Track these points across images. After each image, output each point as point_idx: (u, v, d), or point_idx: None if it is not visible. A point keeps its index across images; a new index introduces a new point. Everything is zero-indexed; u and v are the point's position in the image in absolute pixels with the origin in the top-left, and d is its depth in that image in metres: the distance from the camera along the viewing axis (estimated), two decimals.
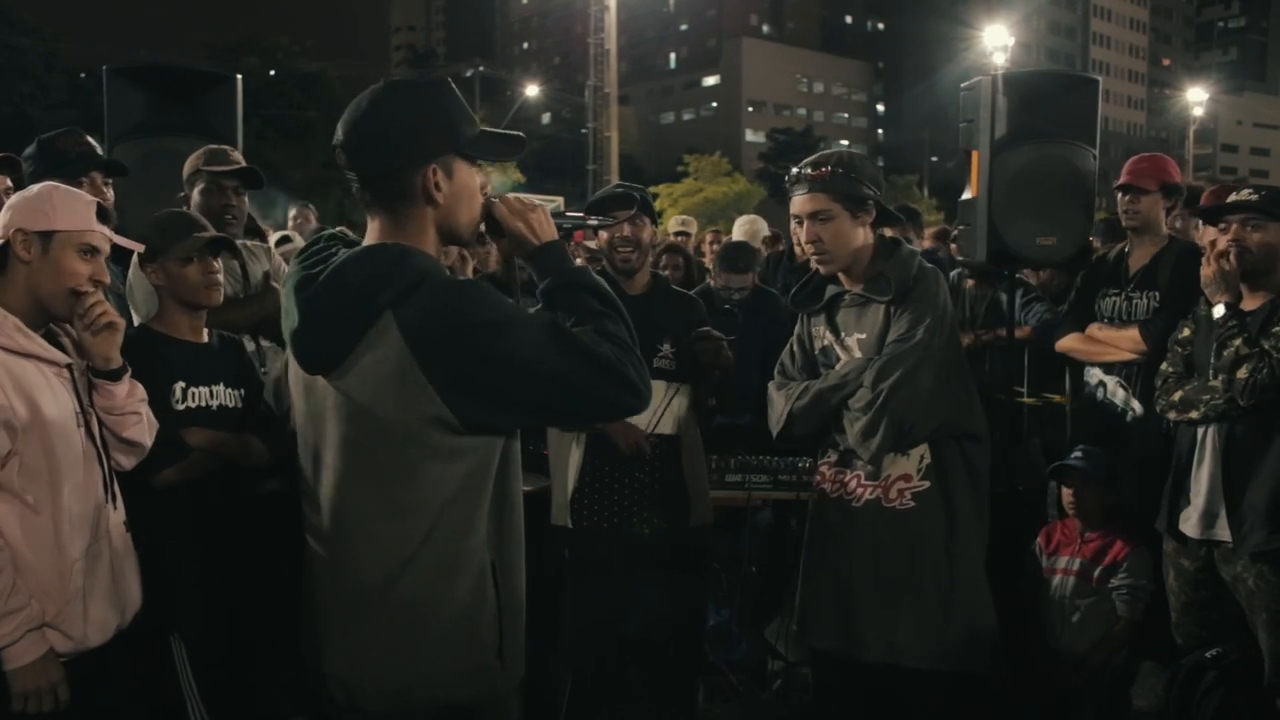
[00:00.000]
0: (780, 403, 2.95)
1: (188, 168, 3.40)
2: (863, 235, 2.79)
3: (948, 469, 2.74)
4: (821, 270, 2.85)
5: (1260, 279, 3.07)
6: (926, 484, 2.74)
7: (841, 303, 2.88)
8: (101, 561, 2.18)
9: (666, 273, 5.27)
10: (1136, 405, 3.73)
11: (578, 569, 3.21)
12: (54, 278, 2.14)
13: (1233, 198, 3.18)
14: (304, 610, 1.90)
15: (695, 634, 3.36)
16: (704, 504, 3.27)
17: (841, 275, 2.87)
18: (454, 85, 1.88)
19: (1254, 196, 3.08)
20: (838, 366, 2.86)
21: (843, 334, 2.87)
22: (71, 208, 2.18)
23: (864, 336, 2.81)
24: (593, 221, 2.53)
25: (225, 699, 2.56)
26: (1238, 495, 3.01)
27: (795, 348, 3.06)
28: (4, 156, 3.19)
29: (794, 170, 2.83)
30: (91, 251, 2.19)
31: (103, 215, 2.24)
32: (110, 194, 3.13)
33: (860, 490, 2.79)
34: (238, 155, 3.47)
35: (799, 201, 2.78)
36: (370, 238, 1.81)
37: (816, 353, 2.96)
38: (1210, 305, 3.08)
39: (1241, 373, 2.90)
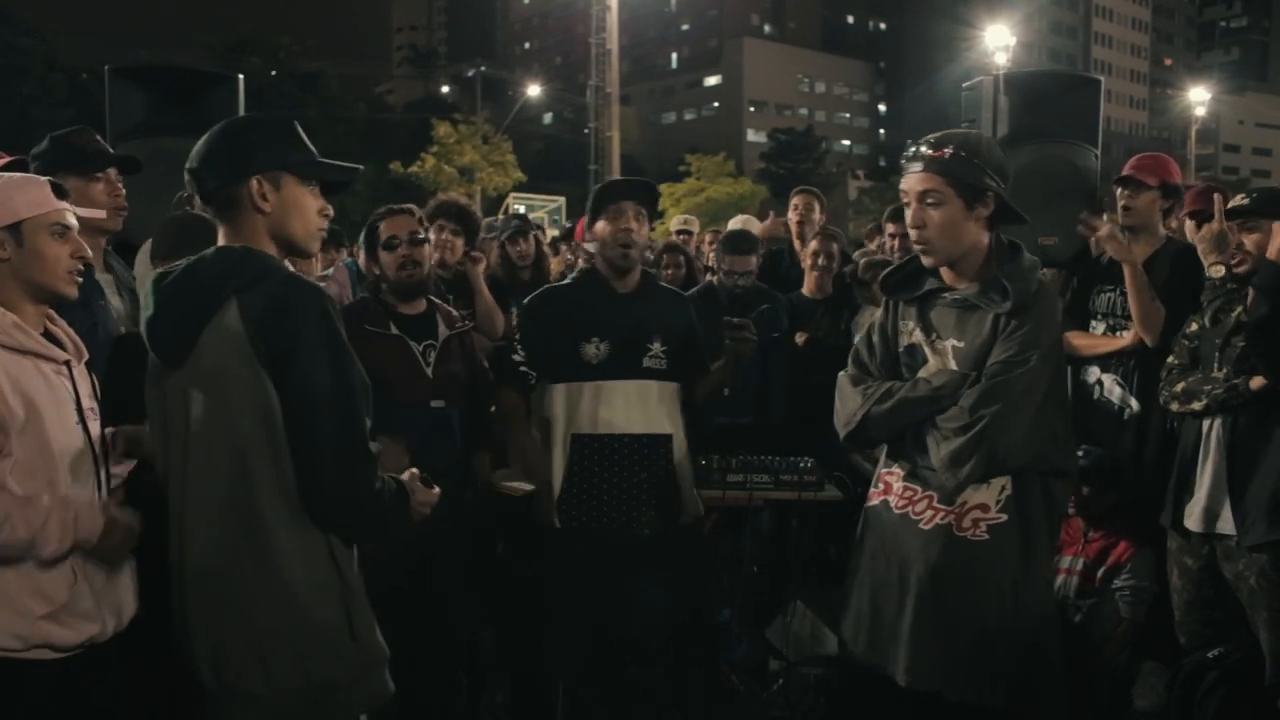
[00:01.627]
0: (855, 401, 2.66)
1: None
2: (975, 230, 2.48)
3: (1029, 505, 2.48)
4: (923, 261, 2.55)
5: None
6: (1004, 517, 2.47)
7: (939, 300, 2.57)
8: (101, 562, 2.18)
9: (669, 272, 5.27)
10: (1134, 403, 3.73)
11: (564, 569, 3.21)
12: (38, 266, 2.13)
13: (1231, 203, 3.22)
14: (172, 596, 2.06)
15: (696, 632, 3.35)
16: (694, 502, 3.27)
17: (944, 270, 2.56)
18: (295, 125, 2.13)
19: (1245, 201, 3.15)
20: (926, 374, 2.57)
21: (935, 336, 2.57)
22: (29, 193, 2.16)
23: (962, 345, 2.51)
24: None
25: None
26: (1241, 487, 3.01)
27: (875, 339, 2.74)
28: (14, 159, 3.20)
29: (911, 147, 2.56)
30: (64, 230, 2.18)
31: (58, 191, 2.22)
32: (124, 191, 3.14)
33: (931, 513, 2.52)
34: None
35: (910, 180, 2.49)
36: (219, 243, 2.06)
37: (900, 349, 2.66)
38: (1210, 278, 3.15)
39: (1241, 339, 2.92)
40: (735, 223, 6.42)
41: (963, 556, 2.47)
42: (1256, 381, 2.96)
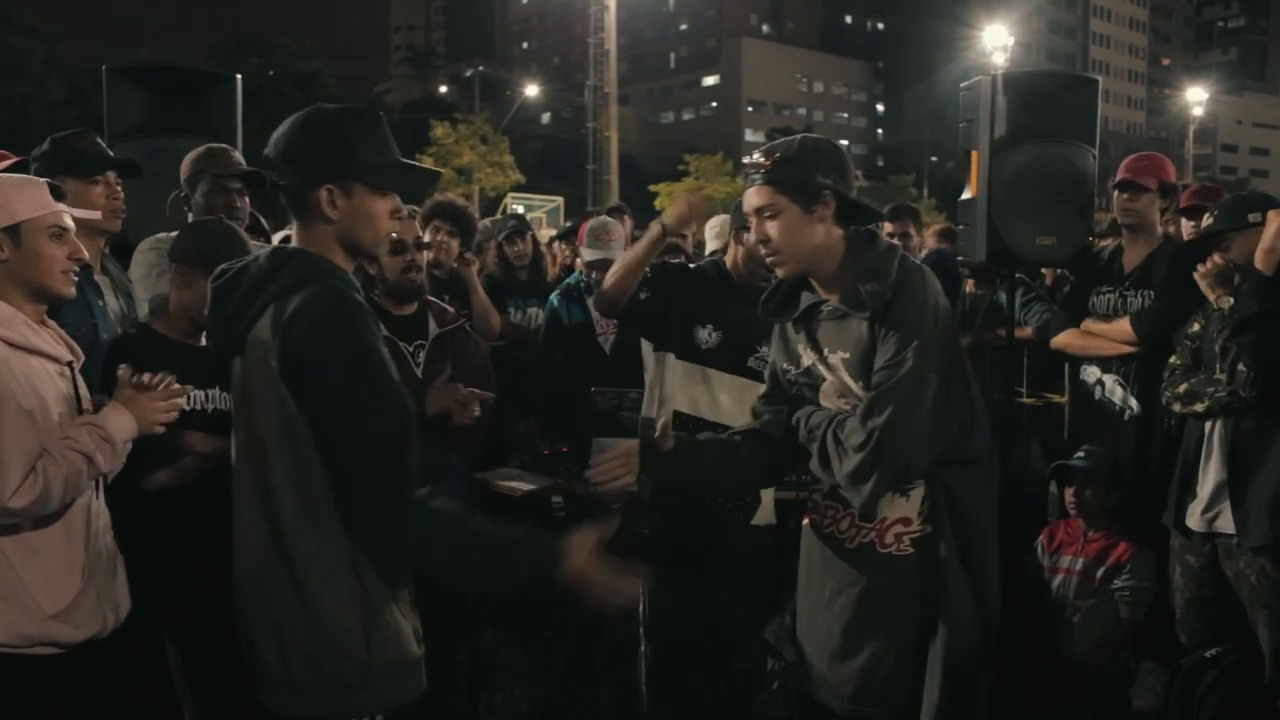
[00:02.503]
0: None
1: (188, 167, 3.39)
2: (822, 232, 2.36)
3: (950, 508, 2.35)
4: (779, 273, 2.46)
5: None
6: (928, 529, 2.35)
7: (820, 313, 2.46)
8: (100, 559, 2.22)
9: None
10: (1134, 403, 3.73)
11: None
12: (36, 266, 2.16)
13: (1202, 224, 3.29)
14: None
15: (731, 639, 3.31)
16: (769, 508, 3.22)
17: (814, 281, 2.46)
18: (379, 116, 2.07)
19: (1211, 220, 3.21)
20: (824, 392, 2.46)
21: (825, 351, 2.44)
22: (28, 194, 2.18)
23: (848, 355, 2.39)
24: None
25: (220, 703, 2.55)
26: (1242, 489, 3.02)
27: (773, 364, 2.63)
28: (16, 160, 3.19)
29: (744, 161, 2.56)
30: (61, 232, 2.19)
31: (56, 193, 2.23)
32: (122, 194, 3.14)
33: (854, 530, 2.42)
34: (239, 156, 3.46)
35: (747, 197, 2.43)
36: (292, 241, 2.05)
37: (797, 373, 2.53)
38: (1215, 298, 3.14)
39: (1243, 366, 2.93)
40: (711, 228, 6.37)
41: (886, 574, 2.37)
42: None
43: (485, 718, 3.78)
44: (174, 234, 2.92)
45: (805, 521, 2.59)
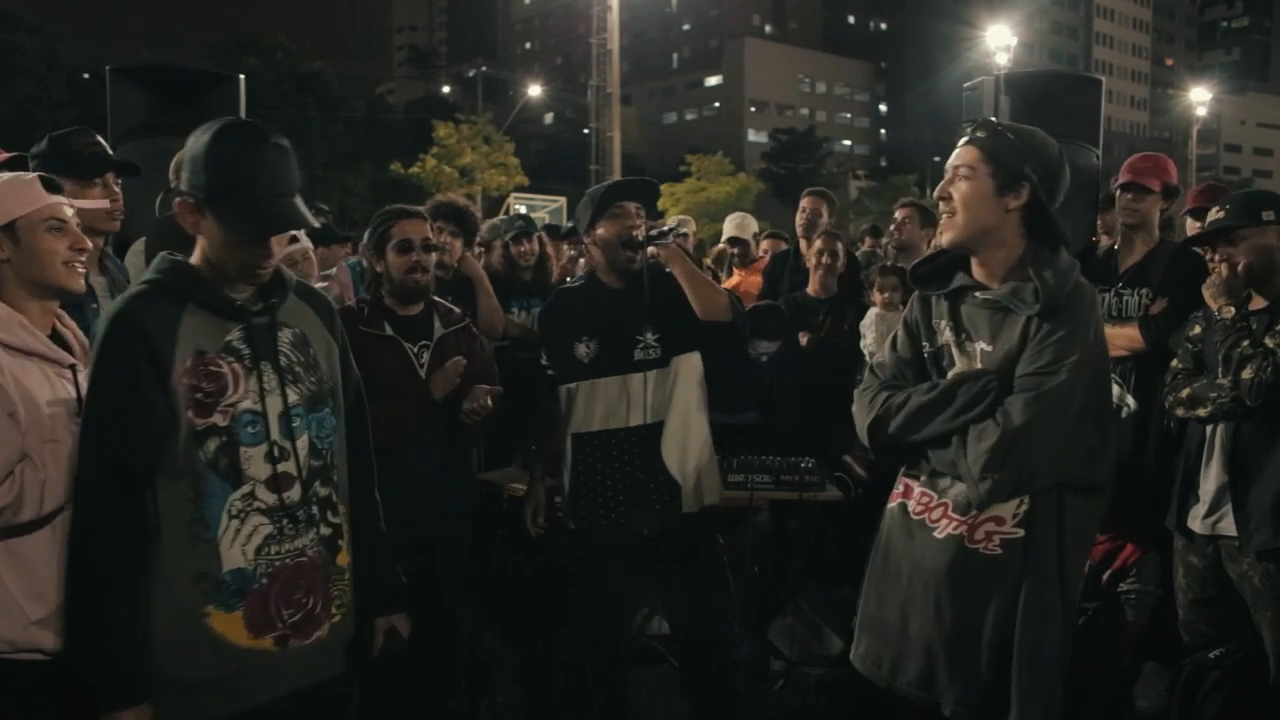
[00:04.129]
0: (861, 414, 2.53)
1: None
2: (1002, 217, 2.32)
3: (1050, 522, 2.29)
4: (942, 238, 2.41)
5: (1262, 281, 3.08)
6: (1020, 533, 2.29)
7: (969, 298, 2.40)
8: None
9: None
10: (1131, 401, 3.73)
11: (580, 570, 3.21)
12: (37, 262, 2.12)
13: (1209, 218, 3.23)
14: None
15: (700, 635, 3.25)
16: (699, 492, 3.17)
17: (975, 265, 2.40)
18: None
19: (1221, 214, 3.14)
20: (950, 375, 2.41)
21: (965, 336, 2.40)
22: (19, 190, 2.14)
23: (990, 349, 2.34)
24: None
25: None
26: (1244, 493, 3.02)
27: (901, 337, 2.56)
28: (14, 156, 3.17)
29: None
30: (60, 224, 2.16)
31: (49, 185, 2.20)
32: (121, 195, 3.13)
33: (945, 521, 2.38)
34: None
35: (952, 156, 2.40)
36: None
37: (930, 350, 2.48)
38: (1218, 308, 3.11)
39: (1247, 373, 2.92)
40: (731, 223, 6.37)
41: (972, 569, 2.34)
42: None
43: (485, 718, 3.78)
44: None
45: (892, 503, 2.55)
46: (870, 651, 2.53)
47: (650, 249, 3.07)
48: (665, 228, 3.06)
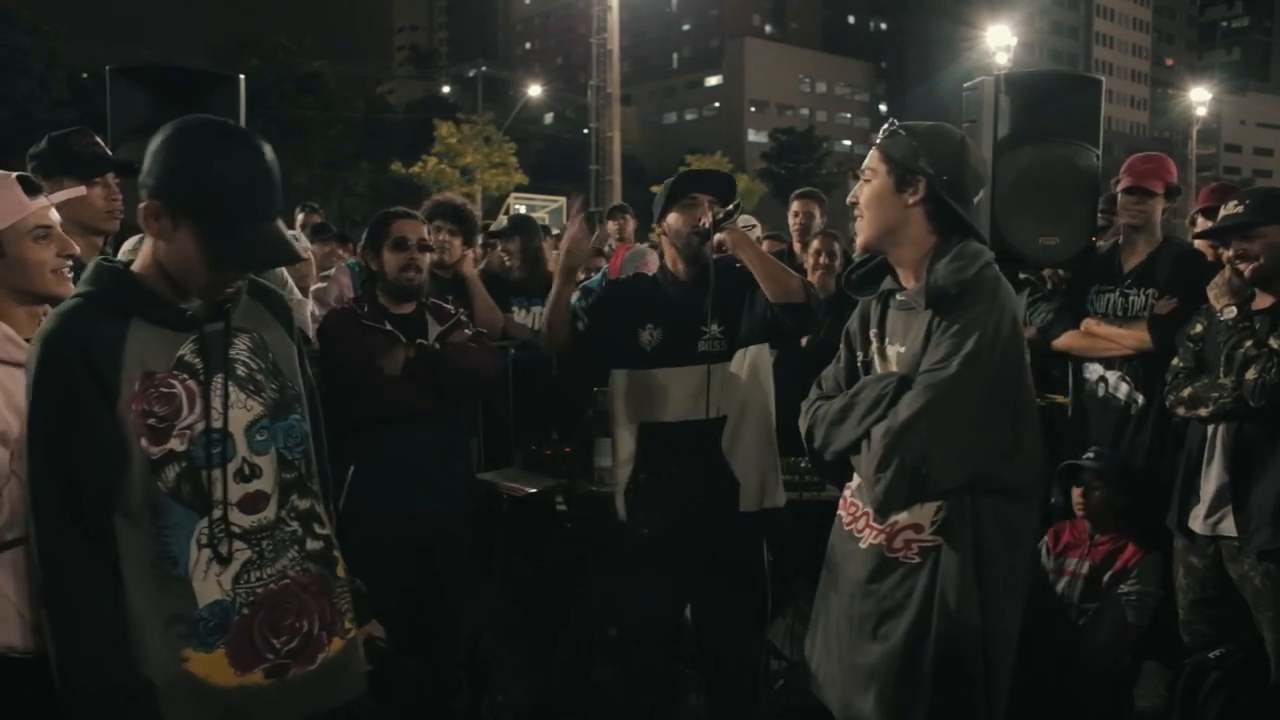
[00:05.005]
0: (802, 425, 2.50)
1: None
2: (906, 213, 2.28)
3: (969, 528, 2.21)
4: (856, 243, 2.40)
5: (1270, 279, 3.07)
6: (937, 540, 2.23)
7: (893, 301, 2.38)
8: None
9: None
10: (1139, 397, 3.74)
11: (627, 563, 3.17)
12: (24, 273, 2.06)
13: (1223, 211, 3.20)
14: None
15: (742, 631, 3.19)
16: (758, 491, 3.09)
17: (896, 267, 2.38)
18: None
19: (1240, 209, 3.10)
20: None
21: (886, 341, 2.38)
22: (1, 201, 2.06)
23: (903, 350, 2.31)
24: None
25: None
26: (1244, 494, 3.01)
27: (841, 347, 2.56)
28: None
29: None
30: (46, 231, 2.08)
31: (28, 185, 2.10)
32: (120, 196, 3.12)
33: (869, 531, 2.34)
34: None
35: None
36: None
37: (863, 359, 2.47)
38: (1221, 308, 3.10)
39: (1250, 373, 2.91)
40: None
41: (889, 578, 2.28)
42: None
43: (485, 718, 3.78)
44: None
45: (838, 513, 2.54)
46: (814, 669, 2.49)
47: (717, 236, 3.02)
48: (729, 209, 3.01)
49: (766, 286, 2.99)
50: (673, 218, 3.13)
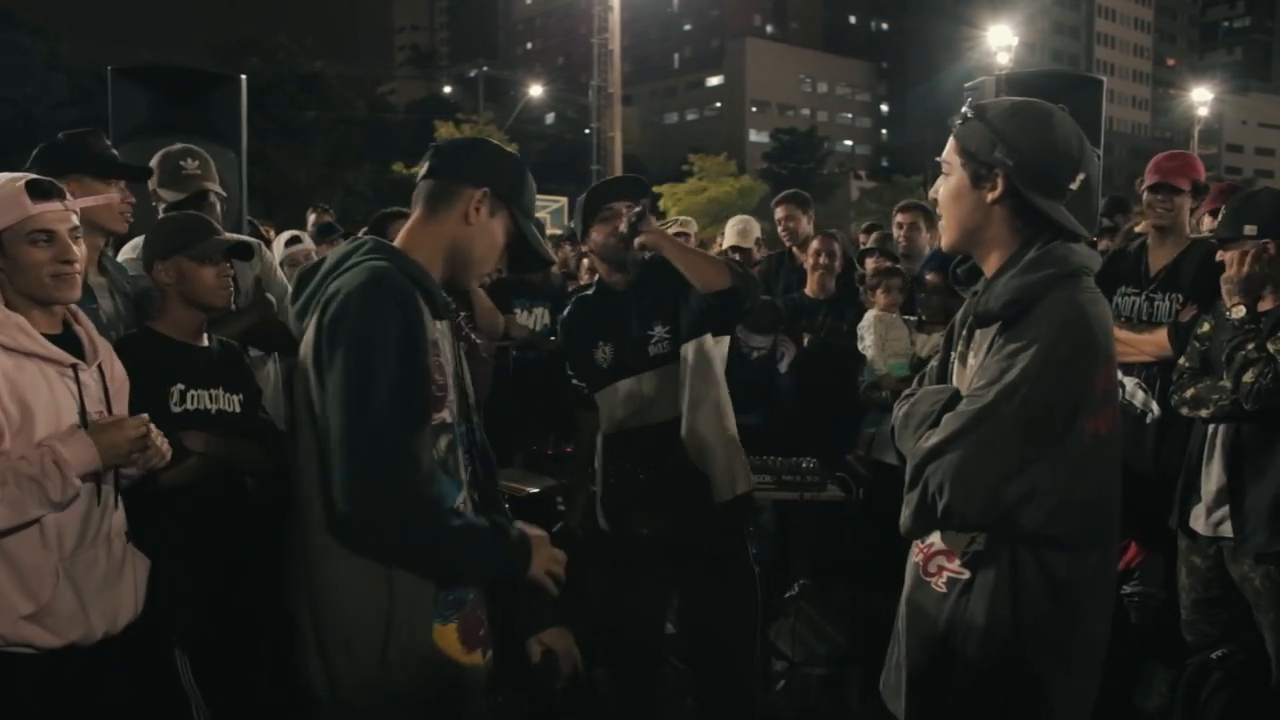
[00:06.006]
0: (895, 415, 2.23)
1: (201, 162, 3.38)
2: (989, 213, 1.97)
3: (1000, 573, 1.93)
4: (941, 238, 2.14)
5: (1250, 289, 3.05)
6: (964, 574, 1.97)
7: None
8: (95, 567, 2.15)
9: None
10: (1155, 407, 3.66)
11: (611, 570, 3.19)
12: (21, 275, 2.09)
13: (1216, 229, 3.22)
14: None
15: (737, 630, 3.18)
16: (729, 480, 3.09)
17: (987, 273, 2.05)
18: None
19: (1220, 223, 3.13)
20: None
21: (964, 350, 2.11)
22: (2, 201, 2.07)
23: (974, 362, 2.03)
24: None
25: (229, 708, 2.54)
26: (1241, 495, 3.01)
27: (941, 343, 2.25)
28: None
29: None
30: (44, 235, 2.08)
31: (39, 190, 2.10)
32: (132, 198, 3.12)
33: (915, 547, 2.13)
34: (193, 168, 3.42)
35: None
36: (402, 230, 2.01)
37: (953, 360, 2.19)
38: (1230, 306, 3.08)
39: (1248, 377, 2.90)
40: (732, 227, 6.36)
41: (922, 601, 2.09)
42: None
43: (486, 718, 3.78)
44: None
45: None
46: (885, 678, 2.31)
47: (637, 240, 3.03)
48: (638, 209, 3.02)
49: (692, 278, 3.00)
50: (594, 233, 3.13)
